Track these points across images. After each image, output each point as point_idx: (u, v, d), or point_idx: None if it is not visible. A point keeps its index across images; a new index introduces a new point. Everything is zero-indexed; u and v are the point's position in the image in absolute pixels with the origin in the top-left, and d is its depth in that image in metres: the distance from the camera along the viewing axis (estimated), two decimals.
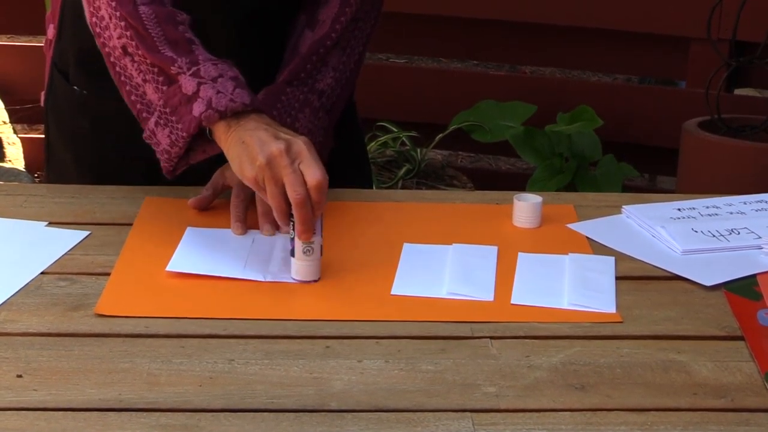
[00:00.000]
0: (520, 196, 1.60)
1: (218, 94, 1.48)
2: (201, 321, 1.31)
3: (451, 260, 1.48)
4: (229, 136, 1.48)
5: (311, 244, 1.40)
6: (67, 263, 1.46)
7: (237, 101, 1.48)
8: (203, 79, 1.49)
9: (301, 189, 1.41)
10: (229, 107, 1.48)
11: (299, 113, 1.60)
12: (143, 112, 1.55)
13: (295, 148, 1.43)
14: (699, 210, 1.64)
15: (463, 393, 1.18)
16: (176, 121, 1.51)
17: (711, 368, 1.24)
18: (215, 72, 1.50)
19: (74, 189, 1.68)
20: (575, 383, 1.20)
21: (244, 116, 1.48)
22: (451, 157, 4.29)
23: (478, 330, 1.31)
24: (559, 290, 1.40)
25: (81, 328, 1.29)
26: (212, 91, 1.48)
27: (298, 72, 1.62)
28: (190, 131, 1.50)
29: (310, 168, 1.42)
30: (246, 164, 1.44)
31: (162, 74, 1.52)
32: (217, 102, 1.48)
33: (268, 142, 1.43)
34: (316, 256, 1.41)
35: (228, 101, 1.48)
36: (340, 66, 1.65)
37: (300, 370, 1.21)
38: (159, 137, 1.53)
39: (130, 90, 1.56)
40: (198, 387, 1.18)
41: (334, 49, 1.64)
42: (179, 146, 1.52)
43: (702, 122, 3.14)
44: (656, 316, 1.35)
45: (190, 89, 1.49)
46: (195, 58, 1.51)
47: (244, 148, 1.45)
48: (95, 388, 1.17)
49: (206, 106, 1.48)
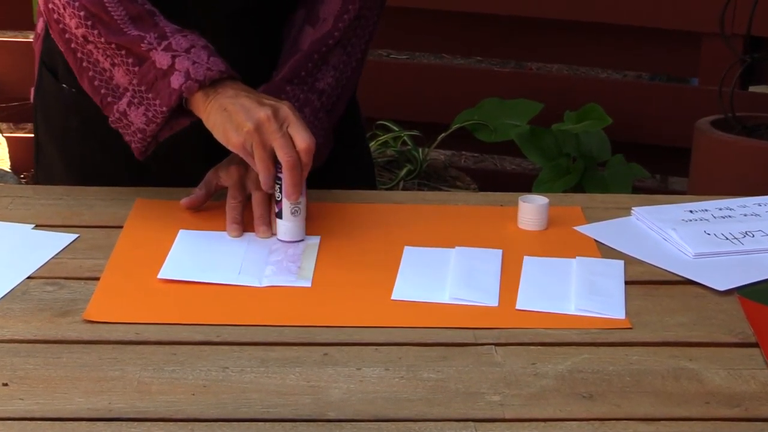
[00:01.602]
0: (525, 198, 1.61)
1: (194, 65, 1.53)
2: (194, 327, 1.32)
3: (453, 264, 1.48)
4: (208, 104, 1.53)
5: (298, 205, 1.51)
6: (54, 267, 1.46)
7: (214, 69, 1.53)
8: (176, 52, 1.53)
9: (291, 152, 1.48)
10: (207, 76, 1.53)
11: (299, 113, 1.60)
12: (108, 97, 1.58)
13: (281, 113, 1.50)
14: (712, 212, 1.64)
15: (466, 402, 1.18)
16: (153, 98, 1.54)
17: (724, 376, 1.24)
18: (186, 43, 1.54)
19: (62, 190, 1.69)
20: (583, 392, 1.20)
21: (220, 84, 1.54)
22: (454, 157, 4.29)
23: (481, 336, 1.31)
24: (566, 295, 1.40)
25: (69, 335, 1.29)
26: (188, 62, 1.53)
27: (298, 70, 1.63)
28: (170, 104, 1.54)
29: (298, 131, 1.49)
30: (231, 131, 1.49)
31: (131, 55, 1.55)
32: (195, 72, 1.53)
33: (253, 109, 1.50)
34: (303, 215, 1.52)
35: (205, 70, 1.53)
36: (341, 65, 1.66)
37: (297, 378, 1.22)
38: (132, 117, 1.56)
39: (93, 75, 1.58)
40: (191, 396, 1.18)
41: (336, 47, 1.65)
42: (156, 122, 1.56)
43: (715, 121, 3.14)
44: (667, 322, 1.35)
45: (165, 63, 1.53)
46: (162, 31, 1.55)
47: (227, 115, 1.50)
48: (84, 397, 1.17)
49: (185, 78, 1.52)
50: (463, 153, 4.37)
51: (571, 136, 3.28)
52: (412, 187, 3.31)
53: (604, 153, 3.31)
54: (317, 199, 1.64)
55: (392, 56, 4.84)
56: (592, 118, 3.25)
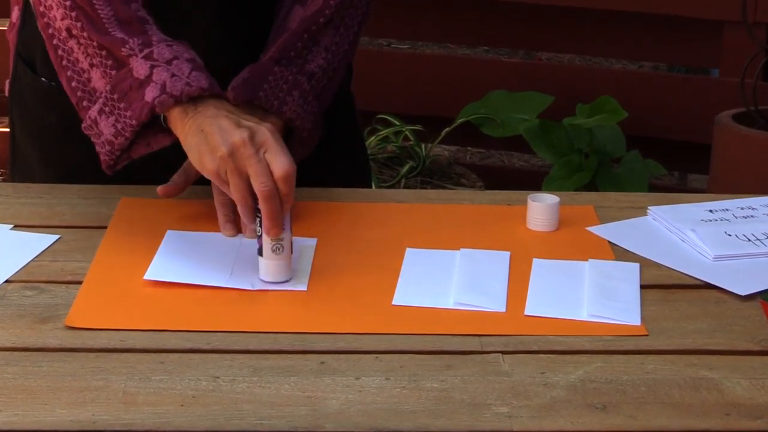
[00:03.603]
0: (534, 197, 1.61)
1: (173, 78, 1.49)
2: (183, 334, 1.32)
3: (458, 267, 1.48)
4: (186, 123, 1.49)
5: (280, 241, 1.42)
6: (34, 270, 1.46)
7: (193, 85, 1.50)
8: (156, 62, 1.50)
9: (267, 180, 1.42)
10: (184, 91, 1.49)
11: (287, 96, 1.60)
12: (84, 101, 1.56)
13: (259, 137, 1.45)
14: (733, 211, 1.65)
15: (472, 413, 1.18)
16: (125, 108, 1.52)
17: (746, 386, 1.24)
18: (169, 54, 1.51)
19: (42, 188, 1.69)
20: (596, 403, 1.21)
21: (201, 102, 1.50)
22: (459, 154, 4.30)
23: (488, 344, 1.31)
24: (577, 300, 1.41)
25: (50, 342, 1.30)
26: (166, 74, 1.49)
27: (287, 50, 1.62)
28: (141, 119, 1.51)
29: (276, 157, 1.44)
30: (206, 155, 1.46)
31: (111, 57, 1.53)
32: (171, 86, 1.49)
33: (229, 131, 1.45)
34: (286, 254, 1.43)
35: (183, 85, 1.49)
36: (333, 47, 1.66)
37: (292, 389, 1.22)
38: (101, 127, 1.54)
39: (72, 76, 1.57)
40: (179, 407, 1.18)
41: (327, 27, 1.65)
42: (125, 136, 1.53)
43: (737, 114, 3.14)
44: (685, 328, 1.36)
45: (143, 73, 1.50)
46: (148, 39, 1.52)
47: (203, 137, 1.46)
48: (66, 408, 1.18)
49: (160, 91, 1.49)
50: (468, 149, 4.37)
51: (584, 131, 3.28)
52: (414, 185, 3.32)
53: (619, 149, 3.32)
54: (312, 197, 1.65)
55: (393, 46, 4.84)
56: (606, 112, 3.25)
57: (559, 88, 3.49)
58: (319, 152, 1.68)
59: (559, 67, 3.99)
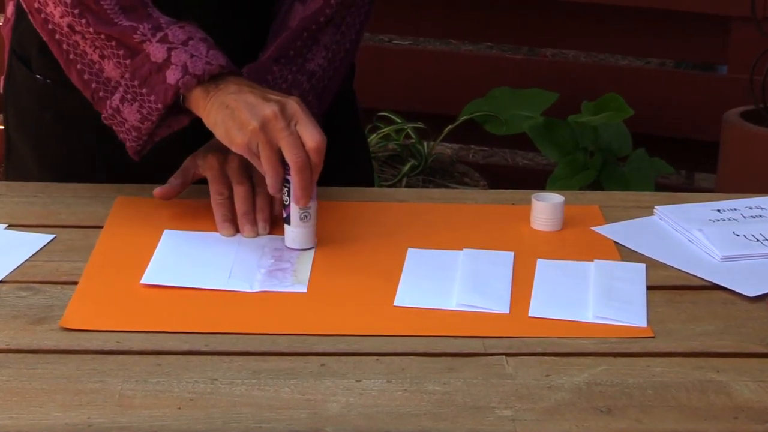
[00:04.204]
0: (539, 196, 1.61)
1: (192, 58, 1.52)
2: (180, 335, 1.32)
3: (461, 267, 1.48)
4: (209, 102, 1.51)
5: (308, 210, 1.48)
6: (28, 270, 1.46)
7: (214, 63, 1.52)
8: (173, 44, 1.52)
9: (300, 152, 1.46)
10: (206, 70, 1.52)
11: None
12: (99, 92, 1.57)
13: (289, 109, 1.48)
14: (741, 211, 1.65)
15: (475, 417, 1.18)
16: (147, 93, 1.53)
17: (754, 389, 1.24)
18: (184, 35, 1.53)
19: (37, 187, 1.69)
20: (601, 406, 1.21)
21: (222, 79, 1.53)
22: (462, 152, 4.30)
23: (491, 346, 1.31)
24: (583, 301, 1.41)
25: (45, 344, 1.30)
26: (185, 55, 1.52)
27: (286, 48, 1.62)
28: (166, 101, 1.53)
29: (307, 129, 1.47)
30: (234, 130, 1.48)
31: (122, 47, 1.54)
32: (193, 66, 1.51)
33: (258, 105, 1.48)
34: (313, 221, 1.49)
35: (204, 64, 1.52)
36: (333, 45, 1.66)
37: (291, 391, 1.22)
38: (126, 114, 1.56)
39: (82, 69, 1.58)
40: (176, 410, 1.18)
41: (328, 26, 1.65)
42: (151, 120, 1.55)
43: (745, 112, 3.14)
44: (692, 330, 1.36)
45: (161, 56, 1.52)
46: (157, 22, 1.54)
47: (229, 113, 1.49)
48: (61, 411, 1.18)
49: (182, 72, 1.51)
50: (471, 147, 4.38)
51: (589, 129, 3.28)
52: (416, 184, 3.32)
53: (625, 147, 3.32)
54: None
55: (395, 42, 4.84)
56: (612, 109, 3.25)
57: (563, 85, 3.49)
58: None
59: (564, 63, 4.00)
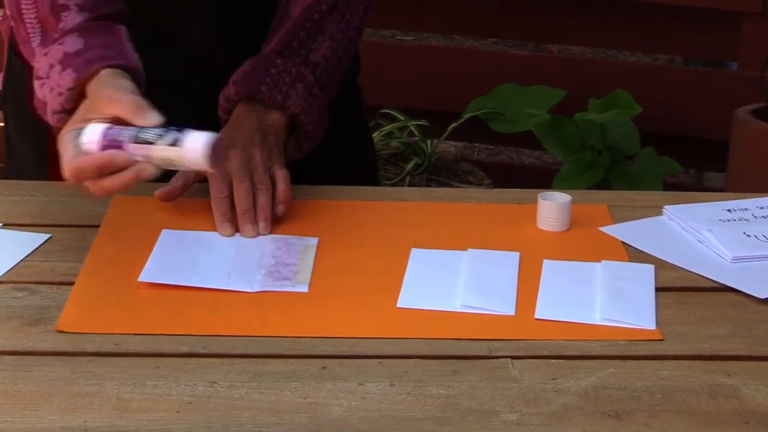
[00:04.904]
0: (545, 195, 1.61)
1: (52, 92, 1.51)
2: (178, 337, 1.32)
3: (465, 268, 1.48)
4: None
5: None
6: (24, 271, 1.46)
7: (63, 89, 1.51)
8: (42, 79, 1.53)
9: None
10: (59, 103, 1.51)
11: (291, 89, 1.60)
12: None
13: None
14: (752, 211, 1.65)
15: (480, 421, 1.18)
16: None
17: (765, 393, 1.24)
18: (52, 57, 1.53)
19: (33, 186, 1.69)
20: (609, 410, 1.21)
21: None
22: (466, 150, 4.30)
23: (496, 348, 1.31)
24: (590, 303, 1.41)
25: (41, 346, 1.30)
26: (46, 90, 1.52)
27: (289, 40, 1.62)
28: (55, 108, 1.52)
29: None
30: None
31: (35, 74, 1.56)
32: (52, 104, 1.52)
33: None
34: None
35: (57, 95, 1.51)
36: (338, 35, 1.65)
37: (292, 395, 1.22)
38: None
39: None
40: (175, 413, 1.18)
41: (331, 14, 1.64)
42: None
43: (756, 110, 3.14)
44: (702, 333, 1.36)
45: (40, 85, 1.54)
46: (51, 37, 1.54)
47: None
48: (57, 415, 1.18)
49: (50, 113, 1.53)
50: (476, 145, 4.37)
51: (596, 127, 3.28)
52: (419, 183, 3.32)
53: (633, 145, 3.31)
54: (314, 196, 1.65)
55: (397, 37, 4.84)
56: (620, 107, 3.25)
57: (570, 82, 3.49)
58: (325, 149, 1.68)
59: (571, 60, 4.00)
